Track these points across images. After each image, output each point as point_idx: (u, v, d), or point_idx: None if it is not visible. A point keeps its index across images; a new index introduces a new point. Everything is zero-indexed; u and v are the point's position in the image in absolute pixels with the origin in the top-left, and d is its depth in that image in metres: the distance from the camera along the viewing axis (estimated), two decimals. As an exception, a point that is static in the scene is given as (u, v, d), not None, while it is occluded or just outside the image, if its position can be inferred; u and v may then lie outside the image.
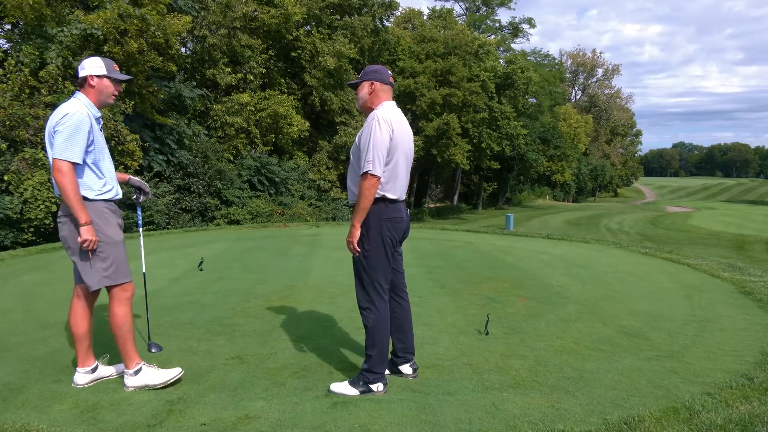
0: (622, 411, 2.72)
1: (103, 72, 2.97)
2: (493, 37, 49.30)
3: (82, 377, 3.03)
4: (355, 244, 2.95)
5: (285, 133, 19.99)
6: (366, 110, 3.05)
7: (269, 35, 20.44)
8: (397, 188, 2.97)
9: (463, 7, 52.43)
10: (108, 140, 11.71)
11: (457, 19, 45.43)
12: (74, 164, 2.82)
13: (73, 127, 2.81)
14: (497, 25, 52.83)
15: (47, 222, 10.49)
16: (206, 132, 17.45)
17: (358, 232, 2.93)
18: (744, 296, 5.36)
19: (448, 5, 47.58)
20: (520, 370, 3.30)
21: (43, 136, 3.04)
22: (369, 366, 2.96)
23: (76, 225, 2.85)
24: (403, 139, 2.97)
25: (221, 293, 5.24)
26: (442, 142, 35.42)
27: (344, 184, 23.26)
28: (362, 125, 3.02)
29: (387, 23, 28.83)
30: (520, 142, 41.00)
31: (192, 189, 15.49)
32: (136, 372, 2.98)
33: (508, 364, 3.40)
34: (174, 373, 3.05)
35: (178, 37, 15.03)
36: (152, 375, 3.00)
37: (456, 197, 47.33)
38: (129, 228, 11.76)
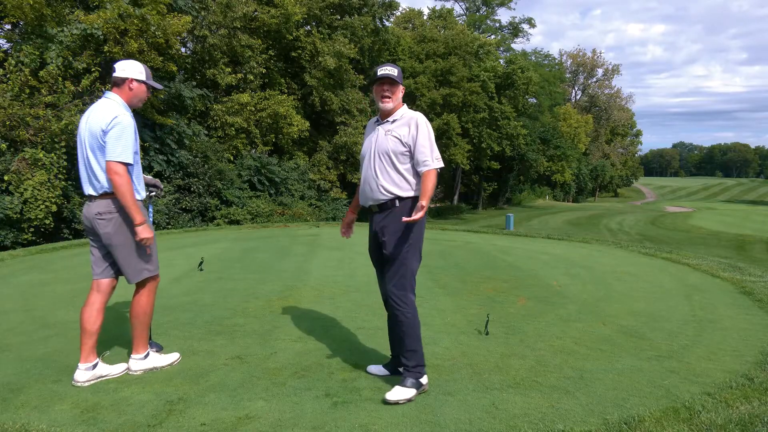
0: (622, 411, 2.72)
1: (143, 78, 3.14)
2: (493, 37, 49.29)
3: (83, 374, 3.05)
4: (421, 216, 2.89)
5: (285, 133, 19.98)
6: (391, 111, 3.09)
7: (269, 35, 20.44)
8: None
9: (463, 7, 52.45)
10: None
11: (457, 19, 45.45)
12: (127, 165, 2.99)
13: (124, 130, 2.97)
14: (497, 25, 52.88)
15: (47, 222, 10.49)
16: (206, 132, 17.45)
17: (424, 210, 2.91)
18: (744, 296, 5.37)
19: (448, 5, 47.63)
20: (520, 370, 3.30)
21: (81, 135, 3.09)
22: (417, 361, 2.96)
23: (125, 222, 3.05)
24: None
25: (221, 293, 5.24)
26: (442, 142, 35.39)
27: (344, 184, 23.25)
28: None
29: (387, 23, 28.81)
30: (520, 142, 41.00)
31: (192, 189, 15.49)
32: (145, 356, 3.25)
33: (508, 364, 3.40)
34: (175, 356, 3.40)
35: (178, 37, 15.02)
36: (158, 359, 3.30)
37: (456, 197, 47.34)
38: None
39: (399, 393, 2.87)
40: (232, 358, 3.48)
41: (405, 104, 3.17)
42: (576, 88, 73.92)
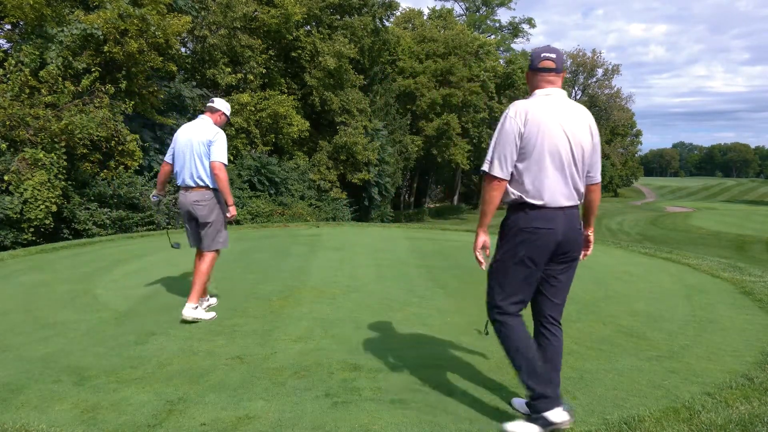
0: (622, 411, 2.72)
1: (228, 113, 4.54)
2: (493, 37, 49.32)
3: (203, 304, 4.43)
4: (478, 254, 2.63)
5: (285, 133, 19.98)
6: None
7: (269, 35, 20.44)
8: (543, 191, 2.45)
9: (463, 7, 52.47)
10: (108, 140, 11.72)
11: (457, 19, 45.48)
12: (226, 165, 4.28)
13: (223, 141, 4.27)
14: (497, 25, 52.90)
15: (47, 222, 10.48)
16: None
17: (480, 240, 2.62)
18: (744, 296, 5.36)
19: (448, 5, 47.68)
20: (520, 371, 3.29)
21: (183, 143, 4.37)
22: (531, 393, 2.47)
23: (214, 207, 4.27)
24: (551, 132, 2.44)
25: (221, 293, 5.23)
26: (443, 142, 35.45)
27: (344, 184, 23.26)
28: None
29: (387, 23, 28.83)
30: (520, 143, 40.96)
31: (192, 189, 15.48)
32: (196, 307, 4.30)
33: (509, 365, 3.39)
34: (212, 314, 4.44)
35: (178, 37, 15.02)
36: (203, 314, 4.36)
37: (456, 197, 47.35)
38: (129, 228, 11.76)
39: (518, 427, 2.45)
40: (232, 358, 3.48)
41: (537, 92, 2.59)
42: (576, 88, 73.90)
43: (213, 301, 4.74)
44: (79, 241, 8.73)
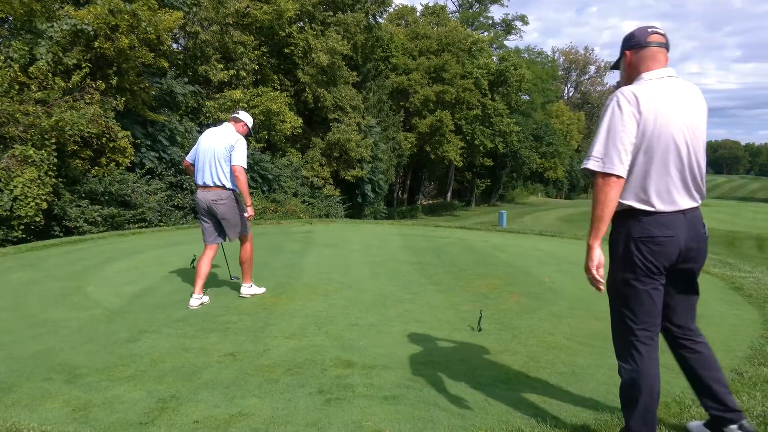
0: (614, 406, 2.74)
1: (250, 125, 4.98)
2: (486, 34, 49.34)
3: (196, 301, 4.58)
4: (594, 272, 2.16)
5: (278, 130, 19.88)
6: None
7: (262, 31, 20.31)
8: (659, 194, 2.13)
9: (456, 4, 52.43)
10: (99, 137, 11.62)
11: (450, 15, 45.45)
12: (246, 169, 4.67)
13: (244, 146, 4.68)
14: (490, 22, 52.90)
15: (37, 219, 10.38)
16: (198, 129, 17.32)
17: (594, 254, 2.14)
18: (734, 292, 5.42)
19: (441, 2, 47.57)
20: (513, 366, 3.31)
21: (205, 147, 4.69)
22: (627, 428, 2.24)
23: (231, 205, 4.66)
24: (669, 123, 2.10)
25: (213, 290, 5.22)
26: (435, 139, 35.49)
27: (337, 181, 23.20)
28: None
29: (380, 20, 28.76)
30: (512, 139, 41.15)
31: (184, 186, 15.38)
32: (250, 286, 4.99)
33: (501, 360, 3.42)
34: (263, 289, 5.10)
35: (170, 33, 14.89)
36: (257, 289, 5.03)
37: (449, 194, 47.40)
38: (121, 225, 11.68)
39: None
40: (225, 355, 3.47)
41: (645, 75, 2.21)
42: (568, 85, 74.18)
43: (206, 299, 4.73)
44: (70, 239, 8.66)
